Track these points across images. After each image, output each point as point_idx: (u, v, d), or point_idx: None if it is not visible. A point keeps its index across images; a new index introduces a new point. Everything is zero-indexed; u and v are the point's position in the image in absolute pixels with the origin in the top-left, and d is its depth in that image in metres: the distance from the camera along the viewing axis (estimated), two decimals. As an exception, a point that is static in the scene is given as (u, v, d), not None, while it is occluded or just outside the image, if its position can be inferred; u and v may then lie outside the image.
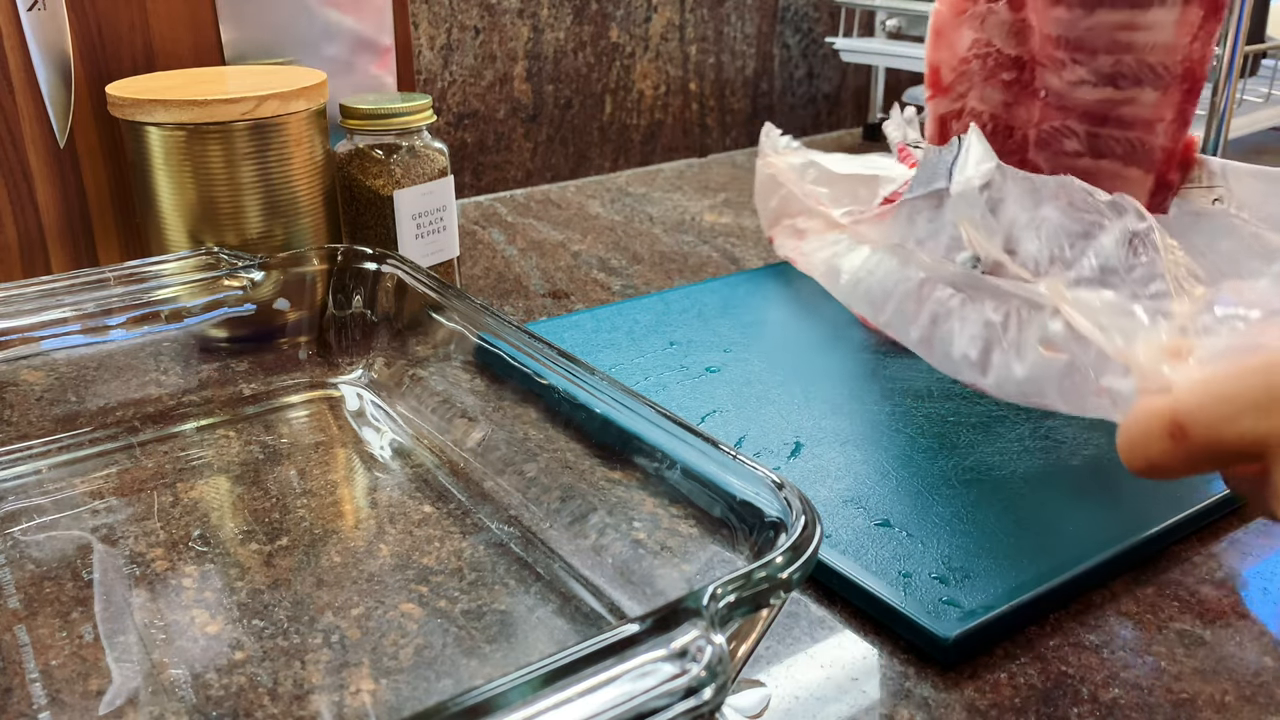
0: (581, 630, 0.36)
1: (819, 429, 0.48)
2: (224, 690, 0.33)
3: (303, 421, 0.50)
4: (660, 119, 0.99)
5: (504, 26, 0.88)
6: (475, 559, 0.40)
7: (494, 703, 0.24)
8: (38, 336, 0.48)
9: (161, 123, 0.52)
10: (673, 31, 0.97)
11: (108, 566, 0.39)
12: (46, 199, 0.57)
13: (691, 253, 0.74)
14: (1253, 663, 0.35)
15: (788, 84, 1.07)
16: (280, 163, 0.54)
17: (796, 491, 0.32)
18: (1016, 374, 0.39)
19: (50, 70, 0.56)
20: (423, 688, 0.33)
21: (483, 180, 0.90)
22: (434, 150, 0.59)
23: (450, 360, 0.49)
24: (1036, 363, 0.38)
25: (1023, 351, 0.39)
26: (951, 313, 0.42)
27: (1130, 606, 0.38)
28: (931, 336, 0.43)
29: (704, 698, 0.26)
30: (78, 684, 0.33)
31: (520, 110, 0.91)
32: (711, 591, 0.27)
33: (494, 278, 0.69)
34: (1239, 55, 0.77)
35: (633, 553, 0.37)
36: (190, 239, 0.54)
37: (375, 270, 0.52)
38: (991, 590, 0.37)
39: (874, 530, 0.40)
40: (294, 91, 0.54)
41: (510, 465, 0.44)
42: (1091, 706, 0.33)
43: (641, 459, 0.38)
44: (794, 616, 0.38)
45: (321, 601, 0.37)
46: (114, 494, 0.44)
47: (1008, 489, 0.43)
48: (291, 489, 0.44)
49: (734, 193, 0.89)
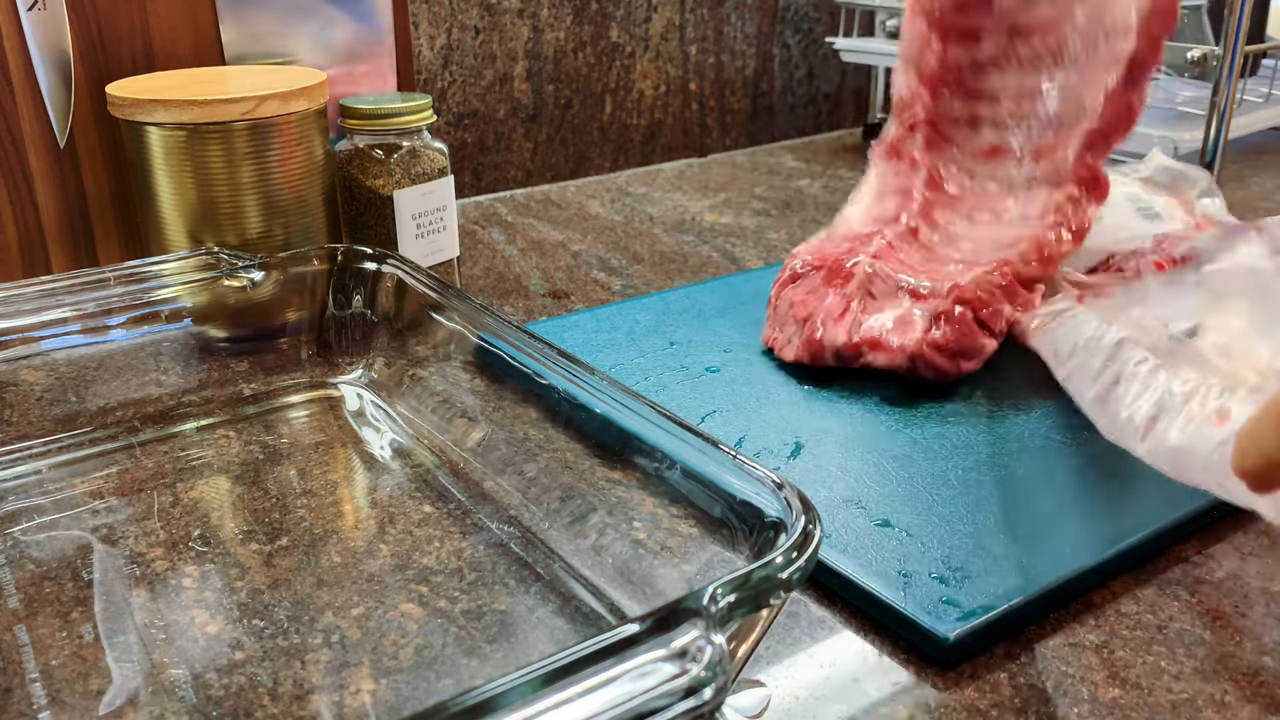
0: (581, 630, 0.36)
1: (819, 429, 0.48)
2: (224, 690, 0.33)
3: (303, 421, 0.50)
4: (660, 119, 0.99)
5: (504, 26, 0.88)
6: (475, 559, 0.40)
7: (494, 703, 0.24)
8: (38, 336, 0.48)
9: (161, 123, 0.52)
10: (673, 31, 0.97)
11: (108, 566, 0.39)
12: (46, 199, 0.57)
13: (691, 253, 0.74)
14: (1253, 663, 0.35)
15: (788, 84, 1.07)
16: (280, 163, 0.54)
17: (797, 491, 0.32)
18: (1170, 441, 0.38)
19: (50, 70, 0.56)
20: (423, 688, 0.33)
21: (483, 180, 0.91)
22: (434, 150, 0.59)
23: (450, 360, 0.49)
24: (1196, 435, 0.37)
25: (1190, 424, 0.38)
26: (1137, 377, 0.41)
27: (1130, 606, 0.38)
28: (1108, 397, 0.42)
29: (704, 698, 0.26)
30: (78, 684, 0.33)
31: (520, 110, 0.91)
32: (711, 591, 0.27)
33: (494, 278, 0.69)
34: (1239, 55, 0.77)
35: (633, 553, 0.37)
36: (190, 239, 0.54)
37: (375, 270, 0.52)
38: (991, 590, 0.37)
39: (874, 530, 0.40)
40: (294, 91, 0.54)
41: (510, 465, 0.44)
42: (1091, 706, 0.33)
43: (641, 459, 0.38)
44: (794, 616, 0.38)
45: (321, 601, 0.37)
46: (114, 494, 0.44)
47: (1007, 489, 0.43)
48: (291, 489, 0.44)
49: (734, 193, 0.89)
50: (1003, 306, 0.50)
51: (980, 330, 0.50)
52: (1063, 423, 0.48)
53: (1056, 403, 0.50)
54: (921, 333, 0.49)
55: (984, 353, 0.50)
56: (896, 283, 0.51)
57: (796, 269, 0.55)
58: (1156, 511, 0.41)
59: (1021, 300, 0.51)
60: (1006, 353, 0.55)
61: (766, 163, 0.98)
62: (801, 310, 0.53)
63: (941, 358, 0.49)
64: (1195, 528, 0.42)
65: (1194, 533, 0.42)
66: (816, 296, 0.53)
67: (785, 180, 0.92)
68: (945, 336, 0.49)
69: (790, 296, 0.54)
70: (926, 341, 0.49)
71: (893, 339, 0.50)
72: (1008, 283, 0.51)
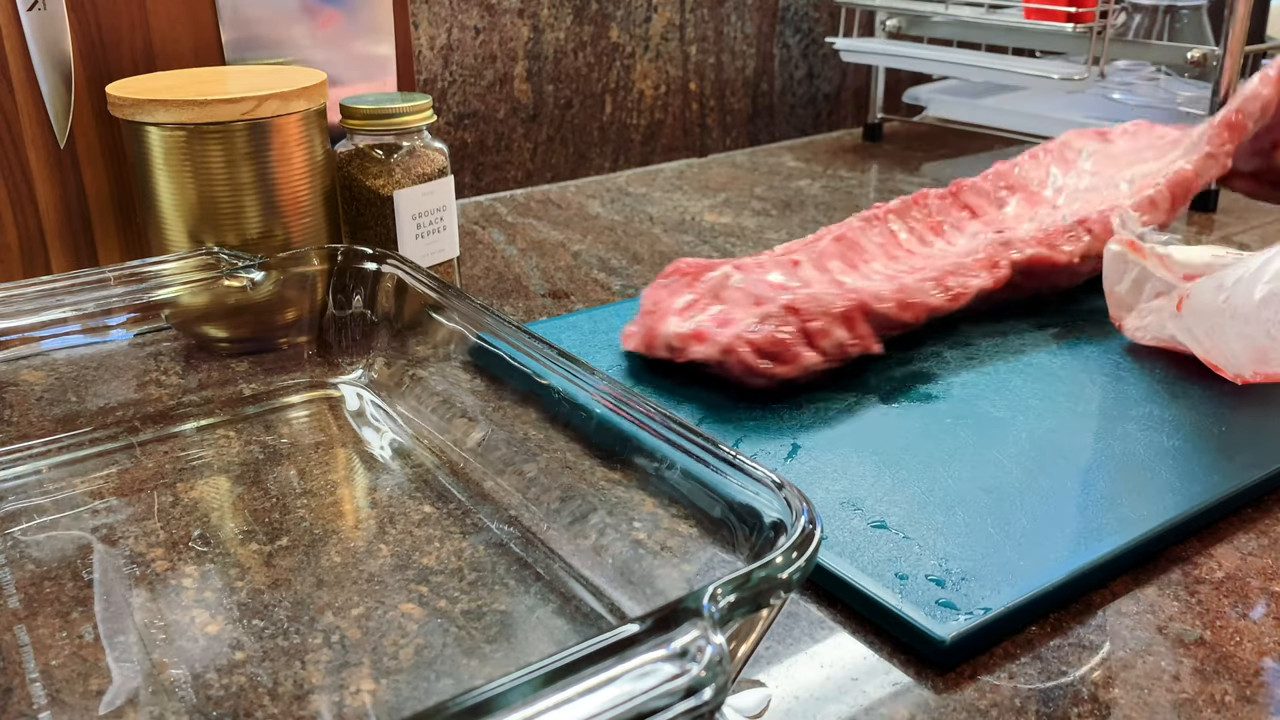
0: (581, 630, 0.36)
1: (816, 431, 0.48)
2: (224, 690, 0.33)
3: (303, 421, 0.50)
4: (660, 119, 0.99)
5: (504, 26, 0.88)
6: (475, 559, 0.40)
7: (494, 703, 0.24)
8: (38, 336, 0.48)
9: (161, 123, 0.52)
10: (673, 31, 0.97)
11: (108, 566, 0.39)
12: (46, 199, 0.57)
13: (691, 253, 0.74)
14: (1252, 663, 0.35)
15: (788, 84, 1.07)
16: (280, 163, 0.54)
17: (797, 492, 0.32)
18: None
19: (50, 70, 0.56)
20: (423, 688, 0.33)
21: (483, 180, 0.91)
22: (434, 150, 0.59)
23: (450, 360, 0.49)
24: None
25: None
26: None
27: (1130, 606, 0.38)
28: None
29: (704, 698, 0.26)
30: (78, 684, 0.33)
31: (520, 110, 0.91)
32: (711, 591, 0.27)
33: (494, 278, 0.69)
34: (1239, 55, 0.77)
35: (633, 553, 0.37)
36: (190, 239, 0.54)
37: (375, 270, 0.52)
38: (988, 592, 0.37)
39: (870, 532, 0.40)
40: (294, 91, 0.54)
41: (510, 465, 0.44)
42: (1091, 706, 0.33)
43: (641, 459, 0.38)
44: (794, 617, 0.38)
45: (321, 601, 0.37)
46: (114, 494, 0.44)
47: (1005, 490, 0.43)
48: (291, 489, 0.44)
49: (734, 193, 0.89)
50: (834, 329, 0.50)
51: (801, 340, 0.50)
52: (1062, 423, 0.48)
53: (1054, 406, 0.50)
54: (741, 329, 0.50)
55: (800, 361, 0.49)
56: (748, 291, 0.52)
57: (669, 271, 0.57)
58: (1156, 511, 0.41)
59: (860, 333, 0.51)
60: (1002, 357, 0.55)
61: (766, 163, 0.98)
62: (653, 305, 0.55)
63: (752, 354, 0.49)
64: (1195, 528, 0.42)
65: (1194, 533, 0.42)
66: (671, 294, 0.55)
67: (785, 180, 0.92)
68: (760, 336, 0.49)
69: (652, 294, 0.56)
70: (741, 337, 0.49)
71: (715, 333, 0.50)
72: (847, 310, 0.51)
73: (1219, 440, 0.46)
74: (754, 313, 0.50)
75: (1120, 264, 0.56)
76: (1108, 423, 0.48)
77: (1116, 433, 0.47)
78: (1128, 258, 0.56)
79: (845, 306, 0.51)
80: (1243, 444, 0.46)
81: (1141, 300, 0.56)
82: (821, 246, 0.59)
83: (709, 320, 0.51)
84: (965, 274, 0.56)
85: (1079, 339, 0.57)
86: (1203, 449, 0.46)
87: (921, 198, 0.64)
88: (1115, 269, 0.56)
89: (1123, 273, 0.56)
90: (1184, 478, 0.43)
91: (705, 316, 0.52)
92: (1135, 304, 0.56)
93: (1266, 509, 0.43)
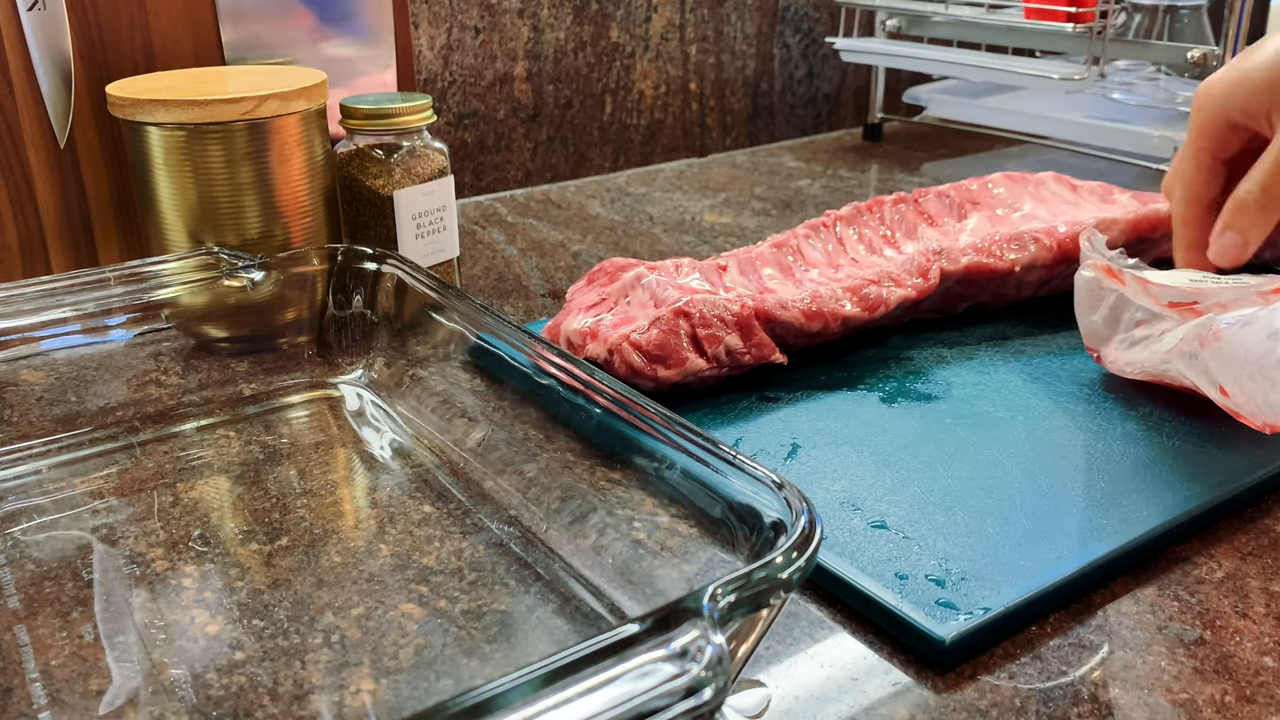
0: (581, 630, 0.36)
1: (815, 430, 0.48)
2: (224, 690, 0.33)
3: (303, 421, 0.50)
4: (660, 119, 0.99)
5: (504, 26, 0.88)
6: (475, 559, 0.40)
7: (494, 703, 0.24)
8: (38, 336, 0.48)
9: (161, 123, 0.52)
10: (673, 31, 0.97)
11: (108, 566, 0.39)
12: (46, 199, 0.57)
13: (691, 253, 0.74)
14: (1253, 663, 0.35)
15: (788, 84, 1.07)
16: (280, 163, 0.54)
17: (797, 492, 0.32)
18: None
19: (50, 70, 0.56)
20: (423, 688, 0.33)
21: (483, 180, 0.91)
22: (434, 150, 0.59)
23: (450, 360, 0.49)
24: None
25: None
26: None
27: (1130, 606, 0.38)
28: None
29: (704, 698, 0.26)
30: (78, 684, 0.33)
31: (520, 110, 0.91)
32: (711, 591, 0.27)
33: (494, 278, 0.69)
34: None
35: (633, 553, 0.37)
36: (190, 239, 0.54)
37: (375, 270, 0.52)
38: (987, 592, 0.37)
39: (870, 532, 0.40)
40: (294, 91, 0.54)
41: (510, 465, 0.44)
42: (1091, 706, 0.33)
43: (641, 459, 0.38)
44: (794, 617, 0.38)
45: (321, 601, 0.37)
46: (114, 494, 0.44)
47: (1005, 490, 0.43)
48: (291, 489, 0.44)
49: (734, 193, 0.89)
50: (727, 335, 0.50)
51: (690, 345, 0.49)
52: (1061, 424, 0.48)
53: (1054, 406, 0.50)
54: (629, 330, 0.50)
55: (686, 366, 0.49)
56: (654, 293, 0.52)
57: (595, 270, 0.57)
58: (1156, 511, 0.41)
59: (757, 341, 0.50)
60: (1001, 358, 0.55)
61: (766, 163, 0.98)
62: (568, 301, 0.56)
63: (636, 355, 0.49)
64: (1195, 528, 0.42)
65: (1194, 533, 0.42)
66: (587, 292, 0.55)
67: (785, 180, 0.92)
68: (647, 338, 0.49)
69: (573, 291, 0.56)
70: (628, 338, 0.49)
71: (606, 332, 0.50)
72: (740, 316, 0.50)
73: (1219, 440, 0.46)
74: (649, 314, 0.50)
75: (1094, 291, 0.52)
76: (1108, 422, 0.48)
77: (1117, 432, 0.47)
78: (1103, 283, 0.51)
79: (738, 313, 0.50)
80: (1243, 444, 0.46)
81: (1120, 330, 0.51)
82: (756, 252, 0.58)
83: (610, 319, 0.51)
84: (890, 283, 0.55)
85: (1079, 339, 0.57)
86: (1203, 449, 0.46)
87: (877, 204, 0.62)
88: (1089, 296, 0.52)
89: (1098, 300, 0.51)
90: (1184, 478, 0.43)
91: (608, 316, 0.52)
92: (1112, 335, 0.51)
93: (1266, 509, 0.43)
